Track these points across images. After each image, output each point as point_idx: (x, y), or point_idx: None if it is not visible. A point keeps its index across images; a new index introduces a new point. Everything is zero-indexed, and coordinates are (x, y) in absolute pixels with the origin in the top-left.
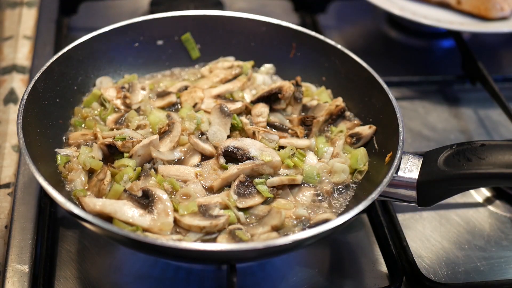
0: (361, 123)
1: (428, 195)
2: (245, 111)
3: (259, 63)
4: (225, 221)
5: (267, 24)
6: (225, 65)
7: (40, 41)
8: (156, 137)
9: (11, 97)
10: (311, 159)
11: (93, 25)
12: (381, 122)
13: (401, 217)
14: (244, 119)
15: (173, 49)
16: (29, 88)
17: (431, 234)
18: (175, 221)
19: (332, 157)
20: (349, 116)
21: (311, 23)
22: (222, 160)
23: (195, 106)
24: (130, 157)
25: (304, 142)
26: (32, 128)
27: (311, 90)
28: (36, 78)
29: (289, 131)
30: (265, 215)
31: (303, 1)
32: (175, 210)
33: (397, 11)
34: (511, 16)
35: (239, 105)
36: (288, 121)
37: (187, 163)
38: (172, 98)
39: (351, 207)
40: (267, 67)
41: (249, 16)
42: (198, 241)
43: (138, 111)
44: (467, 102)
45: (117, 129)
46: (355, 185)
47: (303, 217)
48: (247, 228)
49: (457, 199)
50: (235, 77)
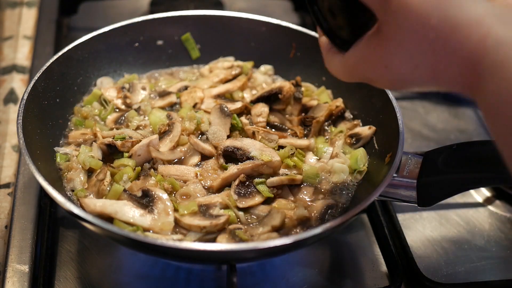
0: (361, 123)
1: (428, 195)
2: (245, 111)
3: (259, 63)
4: (225, 220)
5: (267, 24)
6: (225, 65)
7: (40, 41)
8: (155, 137)
9: (11, 97)
10: (311, 159)
11: (93, 25)
12: (381, 122)
13: (401, 217)
14: (244, 119)
15: (173, 49)
16: (29, 88)
17: (431, 234)
18: (176, 221)
19: (331, 157)
20: (349, 116)
21: (311, 23)
22: (222, 160)
23: (195, 106)
24: (129, 156)
25: (303, 142)
26: (32, 128)
27: (311, 90)
28: (36, 78)
29: (289, 131)
30: (266, 215)
31: (303, 1)
32: (175, 210)
33: None
34: None
35: (239, 105)
36: (288, 121)
37: (187, 163)
38: (172, 98)
39: (351, 207)
40: (267, 68)
41: (249, 16)
42: (198, 241)
43: (138, 111)
44: (467, 102)
45: (117, 129)
46: (355, 185)
47: (304, 217)
48: (247, 228)
49: (457, 199)
50: (235, 77)
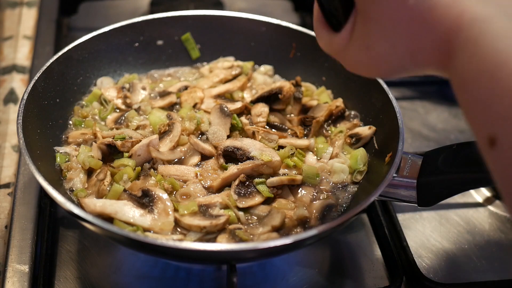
0: (361, 123)
1: (428, 195)
2: (245, 111)
3: (259, 63)
4: (225, 221)
5: (267, 24)
6: (225, 65)
7: (40, 41)
8: (155, 137)
9: (11, 97)
10: (311, 159)
11: (93, 25)
12: (381, 122)
13: (401, 217)
14: (244, 119)
15: (173, 49)
16: (29, 88)
17: (431, 234)
18: (176, 221)
19: (331, 157)
20: (349, 116)
21: (311, 23)
22: (222, 160)
23: (195, 106)
24: (129, 156)
25: (303, 142)
26: (32, 128)
27: (311, 90)
28: (36, 78)
29: (289, 131)
30: (266, 215)
31: (303, 1)
32: (175, 210)
33: None
34: None
35: (239, 105)
36: (288, 121)
37: (187, 163)
38: (172, 98)
39: (351, 207)
40: (267, 68)
41: (249, 16)
42: (198, 241)
43: (138, 111)
44: None
45: (117, 129)
46: (355, 185)
47: (304, 217)
48: (247, 228)
49: (457, 199)
50: (235, 77)
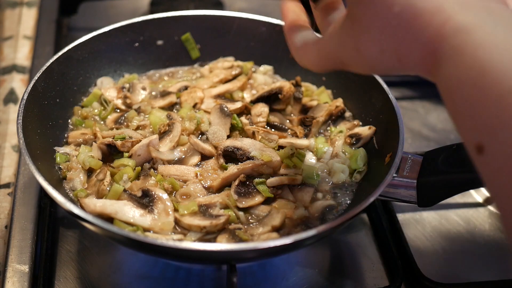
0: (361, 123)
1: (428, 195)
2: (245, 111)
3: (259, 63)
4: (225, 220)
5: (267, 24)
6: (225, 65)
7: (40, 41)
8: (155, 137)
9: (11, 97)
10: (311, 159)
11: (93, 25)
12: (381, 122)
13: (401, 217)
14: (244, 119)
15: (173, 49)
16: (29, 88)
17: (431, 234)
18: (176, 221)
19: (331, 157)
20: (349, 116)
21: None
22: (222, 160)
23: (195, 106)
24: (129, 156)
25: (303, 142)
26: (32, 128)
27: (311, 90)
28: (36, 78)
29: (289, 131)
30: (266, 215)
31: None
32: (175, 209)
33: None
34: None
35: (239, 105)
36: (288, 121)
37: (187, 163)
38: (172, 98)
39: (351, 207)
40: (267, 68)
41: (249, 16)
42: (198, 241)
43: (138, 111)
44: None
45: (117, 129)
46: (355, 185)
47: (304, 217)
48: (247, 228)
49: (457, 199)
50: (235, 77)
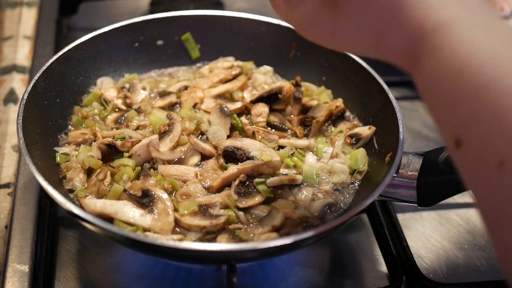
0: (361, 123)
1: (428, 195)
2: (245, 111)
3: (259, 63)
4: (225, 220)
5: (267, 24)
6: (225, 65)
7: (40, 41)
8: (155, 137)
9: (11, 97)
10: (311, 159)
11: (93, 25)
12: (381, 122)
13: (401, 217)
14: (244, 119)
15: (173, 49)
16: (29, 88)
17: (431, 234)
18: (176, 221)
19: (331, 157)
20: (349, 116)
21: None
22: (222, 160)
23: (195, 106)
24: (129, 156)
25: (303, 142)
26: (32, 128)
27: (311, 90)
28: (36, 78)
29: (289, 131)
30: (266, 215)
31: None
32: (175, 209)
33: None
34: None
35: (239, 105)
36: (288, 121)
37: (187, 163)
38: (172, 98)
39: (351, 207)
40: (267, 68)
41: (249, 16)
42: (198, 241)
43: (138, 111)
44: None
45: (117, 129)
46: (355, 185)
47: (304, 217)
48: (247, 228)
49: (457, 199)
50: (235, 77)
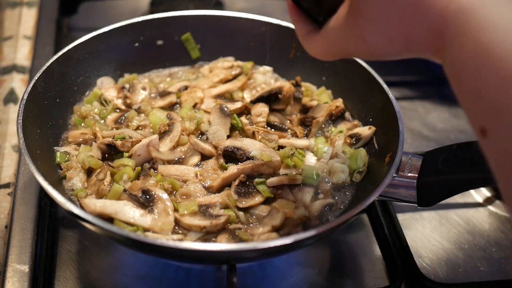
0: (361, 123)
1: (428, 195)
2: (245, 111)
3: (259, 63)
4: (226, 220)
5: (267, 24)
6: (225, 65)
7: (40, 41)
8: (155, 136)
9: (11, 97)
10: (311, 159)
11: (93, 25)
12: (381, 122)
13: (401, 217)
14: (244, 119)
15: (173, 49)
16: (29, 88)
17: (431, 234)
18: (176, 221)
19: (331, 157)
20: (349, 116)
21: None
22: (222, 160)
23: (195, 106)
24: (129, 156)
25: (303, 142)
26: (32, 128)
27: (311, 90)
28: (36, 78)
29: (289, 131)
30: (266, 215)
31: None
32: (175, 209)
33: None
34: None
35: (239, 105)
36: (288, 121)
37: (187, 163)
38: (172, 98)
39: (351, 207)
40: (267, 69)
41: (249, 16)
42: (198, 241)
43: (138, 111)
44: None
45: (117, 129)
46: (355, 185)
47: (304, 217)
48: (247, 228)
49: (457, 199)
50: (235, 77)
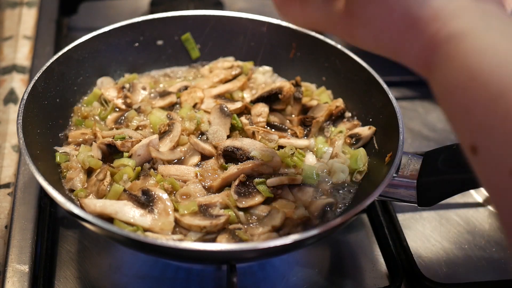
0: (361, 123)
1: (428, 195)
2: (245, 111)
3: (259, 63)
4: (226, 220)
5: (267, 24)
6: (225, 65)
7: (40, 41)
8: (155, 136)
9: (11, 97)
10: (311, 159)
11: (93, 25)
12: (381, 122)
13: (401, 217)
14: (244, 119)
15: (173, 49)
16: (29, 88)
17: (431, 234)
18: (176, 221)
19: (331, 157)
20: (349, 116)
21: None
22: (222, 160)
23: (195, 106)
24: (129, 156)
25: (303, 142)
26: (32, 128)
27: (311, 90)
28: (36, 78)
29: (289, 131)
30: (266, 215)
31: None
32: (176, 209)
33: None
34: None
35: (239, 105)
36: (288, 121)
37: (187, 163)
38: (172, 98)
39: (351, 207)
40: (266, 69)
41: (249, 16)
42: (198, 241)
43: (138, 111)
44: None
45: (117, 129)
46: (355, 185)
47: (304, 217)
48: (247, 228)
49: (457, 199)
50: (235, 77)
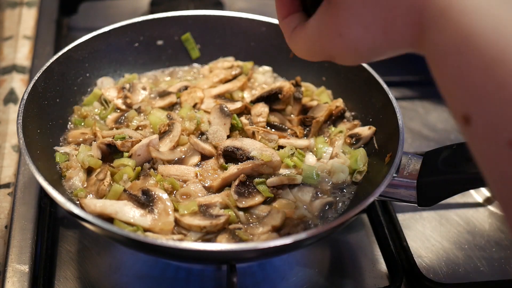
0: (361, 123)
1: (428, 195)
2: (245, 111)
3: (259, 63)
4: (226, 220)
5: (267, 24)
6: (225, 65)
7: (40, 41)
8: (155, 136)
9: (11, 97)
10: (311, 159)
11: (93, 25)
12: (381, 122)
13: (401, 217)
14: (244, 119)
15: (173, 49)
16: (29, 88)
17: (431, 234)
18: (176, 221)
19: (331, 157)
20: (349, 116)
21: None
22: (222, 160)
23: (195, 106)
24: (129, 156)
25: (303, 142)
26: (32, 128)
27: (311, 90)
28: (36, 78)
29: (289, 131)
30: (266, 215)
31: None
32: (176, 209)
33: None
34: None
35: (239, 105)
36: (288, 121)
37: (187, 163)
38: (172, 98)
39: (351, 207)
40: (266, 69)
41: (249, 16)
42: (198, 240)
43: (138, 111)
44: None
45: (117, 129)
46: (355, 185)
47: (304, 217)
48: (247, 228)
49: (457, 199)
50: (235, 77)
